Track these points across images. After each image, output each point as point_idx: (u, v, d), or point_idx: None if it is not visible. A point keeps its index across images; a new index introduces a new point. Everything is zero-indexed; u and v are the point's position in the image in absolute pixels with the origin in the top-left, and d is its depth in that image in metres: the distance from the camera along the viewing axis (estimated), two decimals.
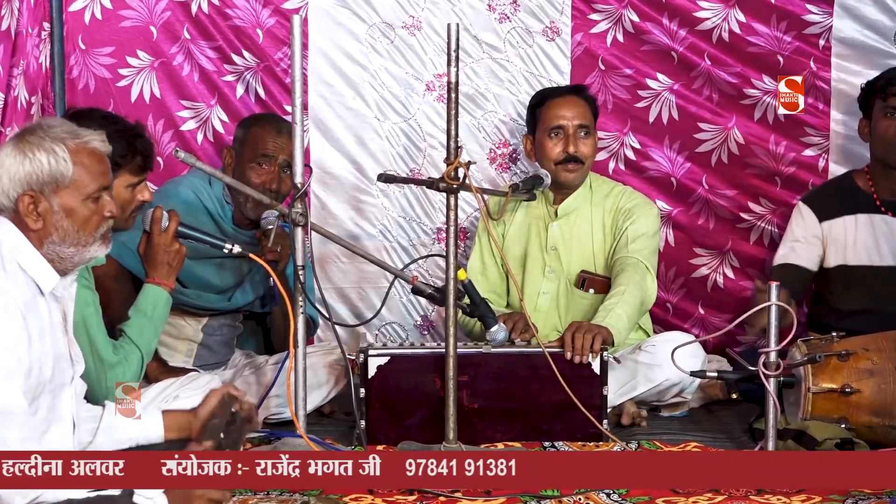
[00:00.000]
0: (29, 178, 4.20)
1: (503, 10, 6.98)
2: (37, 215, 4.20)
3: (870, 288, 6.56)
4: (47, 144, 4.23)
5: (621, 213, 6.44)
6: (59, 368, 4.29)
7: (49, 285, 4.23)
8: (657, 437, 5.93)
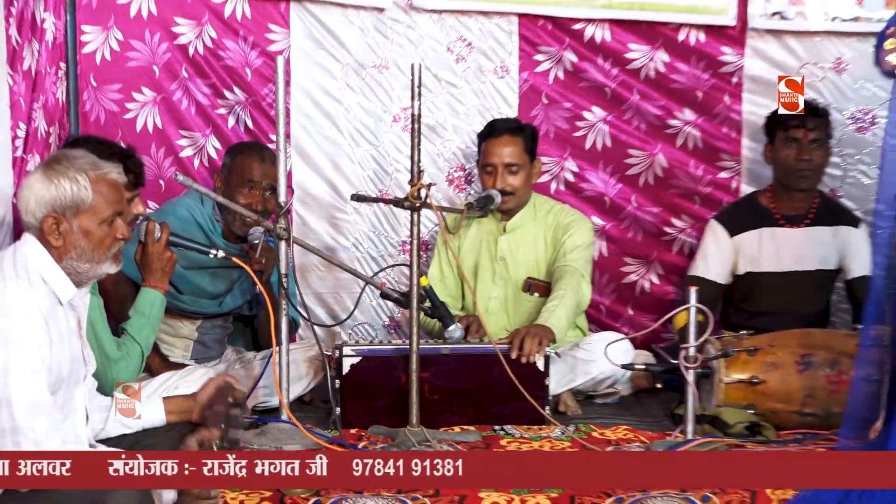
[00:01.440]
0: (53, 202, 4.24)
1: (460, 52, 7.09)
2: (58, 234, 4.24)
3: (774, 292, 6.70)
4: (71, 173, 4.27)
5: (560, 227, 6.57)
6: (75, 368, 4.34)
7: (67, 296, 4.28)
8: (592, 422, 5.98)
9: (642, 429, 5.94)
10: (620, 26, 7.11)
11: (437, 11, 7.08)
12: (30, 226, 4.31)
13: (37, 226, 4.28)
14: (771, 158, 6.79)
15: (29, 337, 4.13)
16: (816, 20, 7.03)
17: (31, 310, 4.16)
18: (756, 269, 6.77)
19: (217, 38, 7.03)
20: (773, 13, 7.00)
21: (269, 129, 6.86)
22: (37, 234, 4.30)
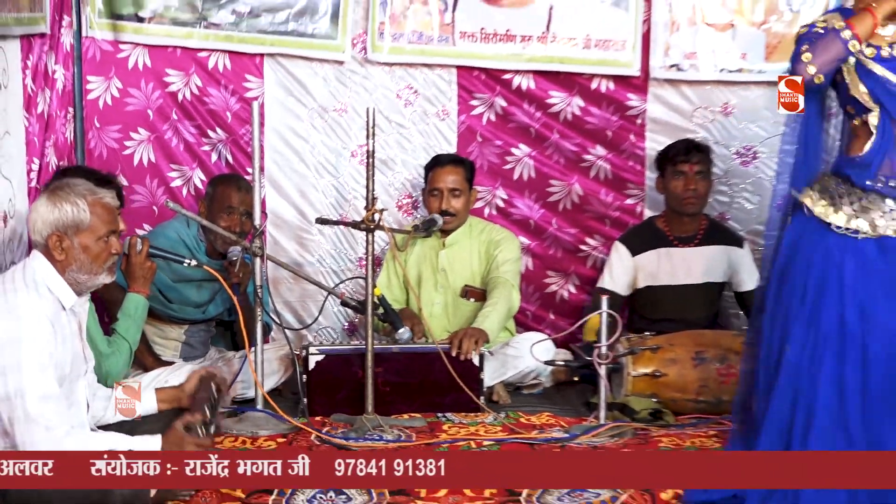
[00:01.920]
0: (57, 223, 4.31)
1: (407, 98, 7.07)
2: (61, 250, 4.32)
3: (670, 301, 6.71)
4: (72, 198, 4.36)
5: (492, 243, 6.59)
6: (77, 364, 4.43)
7: (69, 303, 4.37)
8: (520, 409, 6.02)
9: (562, 415, 5.96)
10: (543, 76, 7.09)
11: (388, 64, 7.05)
12: (37, 244, 4.39)
13: (43, 243, 4.35)
14: (662, 188, 6.80)
15: (38, 338, 4.21)
16: (707, 71, 7.03)
17: (39, 315, 4.24)
18: (654, 283, 6.78)
19: (202, 87, 7.00)
20: (671, 65, 7.01)
21: (246, 163, 6.81)
22: (43, 251, 4.37)
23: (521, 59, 7.04)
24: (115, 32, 6.88)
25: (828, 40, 4.33)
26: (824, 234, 4.43)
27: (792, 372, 4.38)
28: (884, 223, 4.38)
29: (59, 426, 4.20)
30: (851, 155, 4.49)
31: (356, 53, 7.04)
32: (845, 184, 4.46)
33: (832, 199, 4.45)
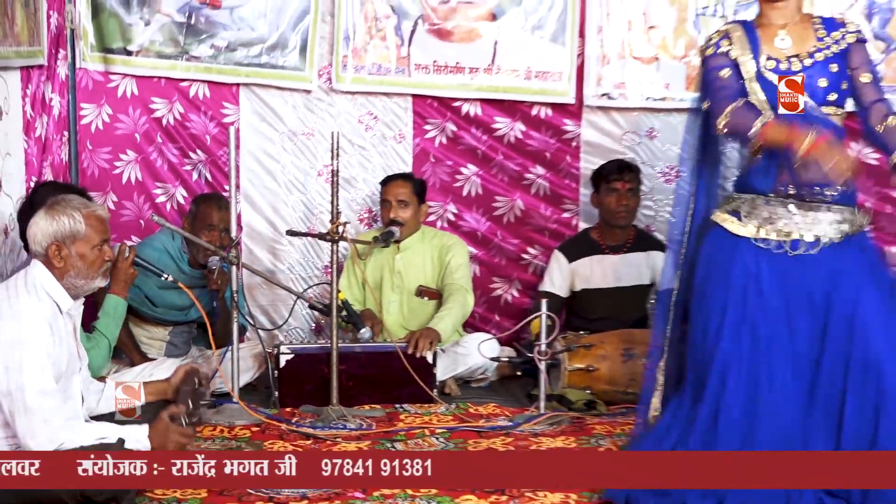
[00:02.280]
0: (55, 233, 4.29)
1: (368, 123, 7.04)
2: (60, 258, 4.29)
3: (603, 303, 6.69)
4: (68, 211, 4.33)
5: (444, 248, 6.58)
6: (71, 363, 4.39)
7: (66, 307, 4.34)
8: (469, 401, 6.02)
9: (507, 405, 5.97)
10: (488, 104, 7.07)
11: (350, 93, 7.03)
12: (37, 254, 4.35)
13: (43, 253, 4.32)
14: (597, 203, 6.80)
15: (37, 339, 4.20)
16: (634, 99, 7.02)
17: (39, 318, 4.23)
18: (589, 287, 6.76)
19: (184, 113, 6.96)
20: (602, 94, 7.01)
21: (223, 181, 6.76)
22: (42, 260, 4.33)
23: (469, 89, 7.02)
24: (106, 64, 6.87)
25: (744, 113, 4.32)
26: (738, 247, 4.40)
27: (720, 372, 4.35)
28: (790, 228, 4.36)
29: (56, 418, 4.17)
30: (752, 166, 4.46)
31: (322, 83, 7.01)
32: (750, 196, 4.43)
33: (741, 214, 4.43)
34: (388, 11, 6.96)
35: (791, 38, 4.36)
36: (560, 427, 5.50)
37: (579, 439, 5.25)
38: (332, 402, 5.65)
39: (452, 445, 5.16)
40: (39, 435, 4.13)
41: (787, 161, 4.21)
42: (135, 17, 6.83)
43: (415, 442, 5.23)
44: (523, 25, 7.00)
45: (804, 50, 4.37)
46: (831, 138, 4.11)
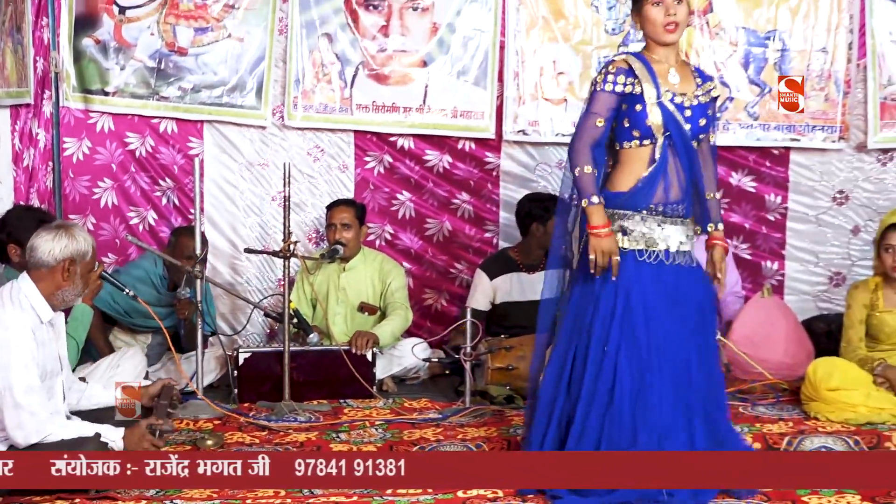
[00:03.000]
0: (72, 252, 4.31)
1: (315, 155, 7.04)
2: (68, 274, 4.30)
3: (520, 314, 6.58)
4: (83, 235, 4.40)
5: (384, 271, 6.57)
6: (53, 365, 4.40)
7: (47, 317, 4.33)
8: (404, 396, 6.01)
9: (437, 400, 5.95)
10: (420, 139, 7.11)
11: (300, 129, 7.04)
12: (43, 264, 4.31)
13: (50, 265, 4.30)
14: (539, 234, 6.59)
15: (22, 344, 4.21)
16: (546, 135, 7.08)
17: (23, 326, 4.24)
18: (508, 300, 6.74)
19: (155, 146, 6.95)
20: (518, 130, 7.07)
21: (189, 206, 6.71)
22: (44, 272, 4.31)
23: (403, 125, 7.06)
24: (86, 103, 6.86)
25: (586, 179, 4.37)
26: (624, 259, 4.38)
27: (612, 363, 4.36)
28: (658, 238, 4.40)
29: (41, 412, 4.20)
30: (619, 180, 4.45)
31: (275, 120, 7.02)
32: (626, 213, 4.41)
33: (624, 231, 4.40)
34: (333, 59, 6.99)
35: (679, 76, 4.44)
36: (483, 419, 5.48)
37: (500, 429, 5.21)
38: (285, 397, 5.64)
39: (390, 435, 5.14)
40: (27, 426, 4.14)
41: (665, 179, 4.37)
42: (111, 62, 6.84)
43: (356, 432, 5.19)
44: (450, 71, 7.06)
45: (689, 91, 4.44)
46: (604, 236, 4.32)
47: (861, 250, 7.26)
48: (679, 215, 4.40)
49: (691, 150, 4.41)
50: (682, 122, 4.37)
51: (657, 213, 4.37)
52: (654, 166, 4.36)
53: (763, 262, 7.33)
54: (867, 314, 5.74)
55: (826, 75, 7.12)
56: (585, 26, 7.07)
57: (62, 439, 4.16)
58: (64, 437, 4.18)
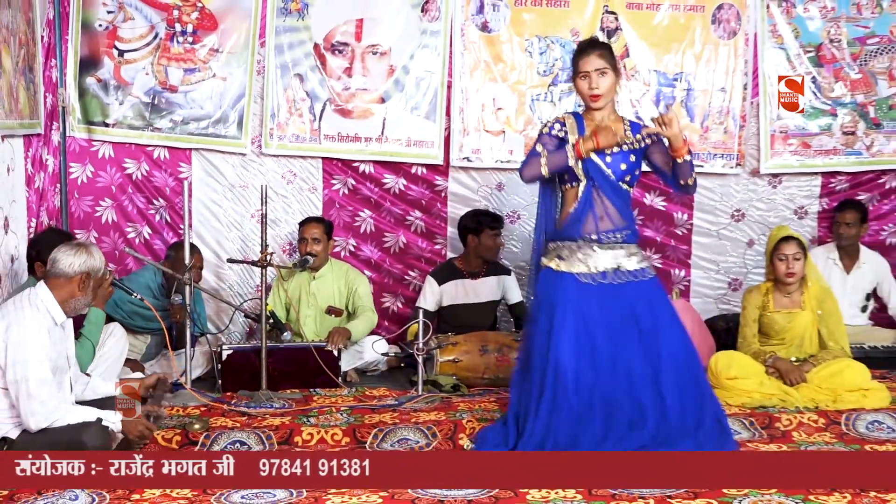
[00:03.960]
0: (89, 267, 4.33)
1: (289, 178, 7.02)
2: (83, 286, 4.31)
3: (464, 314, 6.70)
4: (98, 253, 4.42)
5: (350, 279, 6.55)
6: (63, 361, 4.38)
7: (60, 320, 4.32)
8: (366, 385, 6.00)
9: (394, 389, 5.93)
10: (379, 164, 7.11)
11: (276, 156, 7.01)
12: (62, 275, 4.31)
13: (71, 276, 4.31)
14: (475, 245, 6.72)
15: (38, 341, 4.19)
16: (487, 161, 7.12)
17: (39, 326, 4.22)
18: (454, 303, 6.77)
19: (149, 170, 6.91)
20: (463, 157, 7.10)
21: (179, 222, 6.66)
22: (64, 280, 4.31)
23: (365, 153, 7.05)
24: (89, 134, 6.82)
25: (559, 155, 4.54)
26: (559, 279, 4.56)
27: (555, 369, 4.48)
28: (595, 262, 4.56)
29: (51, 401, 4.17)
30: (563, 218, 4.64)
31: (254, 148, 6.99)
32: (565, 243, 4.60)
33: (560, 257, 4.59)
34: (304, 96, 6.98)
35: (599, 140, 4.55)
36: (434, 405, 5.48)
37: (448, 413, 5.22)
38: (262, 387, 5.62)
39: (353, 419, 5.11)
40: (38, 414, 4.13)
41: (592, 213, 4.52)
42: (111, 98, 6.80)
43: (324, 417, 5.16)
44: (404, 107, 7.08)
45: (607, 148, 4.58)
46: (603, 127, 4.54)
47: (755, 260, 7.36)
48: (616, 241, 4.57)
49: (619, 190, 4.58)
50: (603, 167, 4.55)
51: (591, 241, 4.54)
52: (578, 203, 4.55)
53: (672, 269, 7.43)
54: (760, 314, 5.82)
55: (725, 111, 7.23)
56: (520, 69, 7.14)
57: (69, 423, 4.17)
58: (70, 422, 4.16)
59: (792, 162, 7.28)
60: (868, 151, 7.27)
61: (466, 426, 4.98)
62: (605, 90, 4.57)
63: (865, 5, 7.22)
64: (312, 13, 6.97)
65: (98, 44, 6.77)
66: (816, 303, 5.74)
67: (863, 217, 6.95)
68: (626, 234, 4.59)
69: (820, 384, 5.45)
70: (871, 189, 7.39)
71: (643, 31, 7.18)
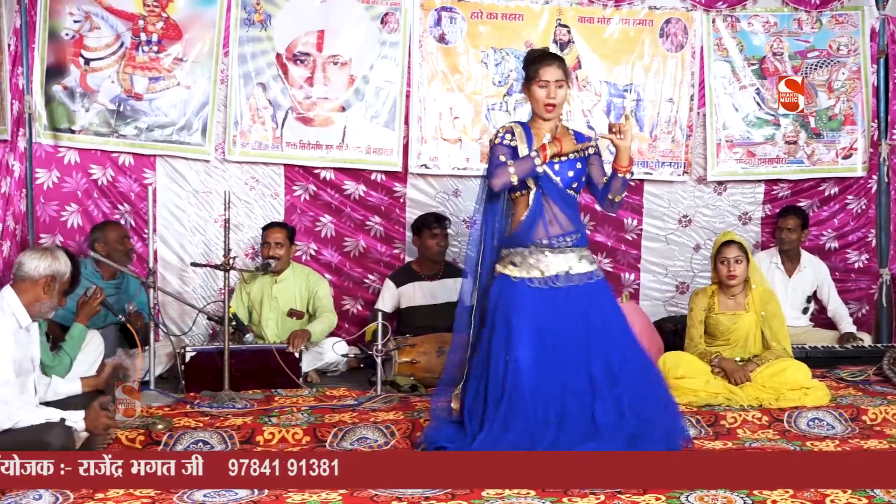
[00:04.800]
0: (54, 270, 4.31)
1: (252, 184, 6.98)
2: (49, 288, 4.27)
3: (421, 316, 6.68)
4: (64, 258, 4.37)
5: (311, 283, 6.54)
6: (27, 363, 4.33)
7: (25, 323, 4.28)
8: (326, 386, 5.97)
9: (353, 389, 5.91)
10: (340, 171, 7.09)
11: (239, 162, 6.97)
12: (28, 278, 4.29)
13: (36, 279, 4.28)
14: (419, 244, 6.81)
15: (2, 343, 4.14)
16: (444, 168, 7.12)
17: (4, 329, 4.18)
18: (412, 305, 6.78)
19: (115, 176, 6.82)
20: (421, 165, 7.11)
21: (143, 226, 6.60)
22: (30, 283, 4.29)
23: (326, 160, 7.03)
24: (55, 140, 6.72)
25: (525, 161, 4.50)
26: (514, 285, 4.55)
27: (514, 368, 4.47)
28: (547, 267, 4.55)
29: (13, 402, 4.12)
30: (515, 225, 4.62)
31: (218, 155, 6.94)
32: (517, 249, 4.59)
33: (513, 263, 4.58)
34: (266, 104, 6.94)
35: (563, 145, 4.56)
36: (392, 404, 5.46)
37: (406, 413, 5.21)
38: (225, 387, 5.59)
39: (314, 419, 5.07)
40: (0, 414, 4.06)
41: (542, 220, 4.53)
42: (77, 105, 6.72)
43: (285, 416, 5.12)
44: (364, 115, 7.06)
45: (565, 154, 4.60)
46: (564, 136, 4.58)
47: (701, 264, 7.42)
48: (566, 246, 4.56)
49: (567, 197, 4.58)
50: (552, 175, 4.54)
51: (543, 246, 4.53)
52: (528, 211, 4.54)
53: (622, 273, 7.47)
54: (706, 316, 5.85)
55: (673, 121, 7.29)
56: (476, 79, 7.16)
57: (32, 424, 4.09)
58: (34, 423, 4.10)
59: (737, 170, 7.37)
60: (809, 160, 7.37)
61: (424, 425, 4.94)
62: (560, 101, 4.59)
63: (806, 21, 7.32)
64: (275, 24, 6.95)
65: (64, 52, 6.69)
66: (760, 305, 5.78)
67: (804, 223, 7.04)
68: (576, 239, 4.59)
69: (763, 383, 5.47)
70: (812, 196, 7.48)
71: (594, 43, 7.23)
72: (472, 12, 7.12)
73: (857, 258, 7.53)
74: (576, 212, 4.67)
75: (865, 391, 5.68)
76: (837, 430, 5.07)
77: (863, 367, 6.21)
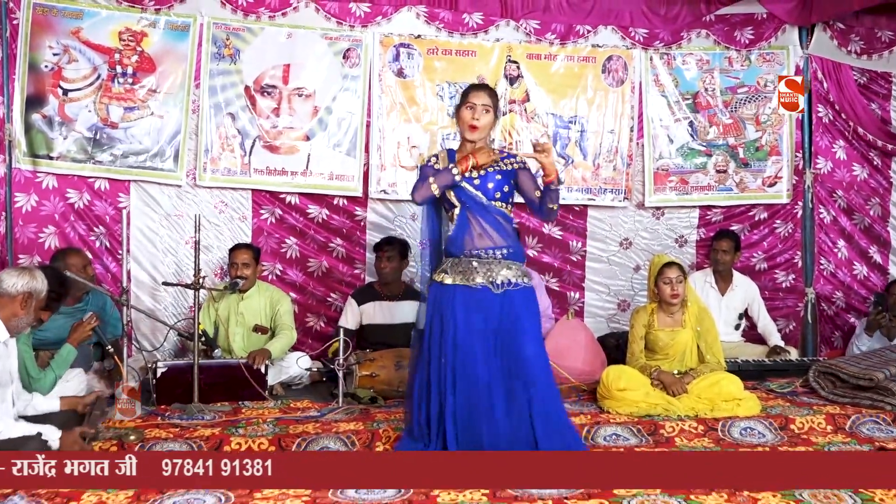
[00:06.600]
0: (31, 288, 4.26)
1: (221, 208, 6.92)
2: (26, 305, 4.21)
3: (382, 334, 6.61)
4: (41, 277, 4.32)
5: (274, 300, 6.47)
6: (5, 377, 4.28)
7: (2, 338, 4.24)
8: (291, 398, 5.89)
9: (317, 401, 5.83)
10: (304, 196, 7.05)
11: (209, 187, 6.91)
12: (6, 294, 4.24)
13: (13, 295, 4.24)
14: (378, 268, 6.76)
15: None
16: (402, 194, 7.07)
17: None
18: (373, 322, 6.72)
19: (90, 200, 6.72)
20: (381, 190, 7.10)
21: (117, 248, 6.59)
22: (7, 299, 4.24)
23: (291, 186, 6.99)
24: (34, 166, 6.62)
25: (444, 174, 4.57)
26: (447, 292, 4.57)
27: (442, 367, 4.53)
28: (474, 276, 4.55)
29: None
30: (448, 240, 4.67)
31: (189, 180, 6.88)
32: (450, 259, 4.63)
33: (445, 271, 4.62)
34: (235, 133, 6.90)
35: (475, 158, 4.59)
36: (353, 416, 5.41)
37: (366, 424, 5.15)
38: (194, 400, 5.51)
39: (278, 430, 5.01)
40: None
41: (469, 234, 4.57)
42: (56, 133, 6.63)
43: (252, 427, 5.05)
44: (327, 144, 7.03)
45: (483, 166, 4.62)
46: None
47: (641, 283, 7.45)
48: (495, 259, 4.55)
49: (492, 209, 4.58)
50: (472, 190, 4.57)
51: (472, 257, 4.55)
52: (455, 225, 4.58)
53: (568, 292, 7.47)
54: (646, 332, 5.88)
55: (614, 151, 7.33)
56: (432, 111, 7.17)
57: (9, 437, 4.02)
58: (11, 436, 4.03)
59: (672, 196, 7.43)
60: (738, 188, 7.46)
61: (383, 435, 4.94)
62: (483, 124, 4.57)
63: (736, 59, 7.41)
64: (244, 58, 6.91)
65: (44, 83, 6.61)
66: (696, 321, 5.81)
67: (736, 245, 7.10)
68: (507, 252, 4.57)
69: (699, 394, 5.49)
70: (743, 220, 7.55)
71: (542, 78, 7.26)
72: (428, 48, 7.13)
73: (784, 278, 7.62)
74: (504, 227, 4.64)
75: (793, 402, 5.69)
76: (768, 439, 5.09)
77: (790, 378, 6.23)
